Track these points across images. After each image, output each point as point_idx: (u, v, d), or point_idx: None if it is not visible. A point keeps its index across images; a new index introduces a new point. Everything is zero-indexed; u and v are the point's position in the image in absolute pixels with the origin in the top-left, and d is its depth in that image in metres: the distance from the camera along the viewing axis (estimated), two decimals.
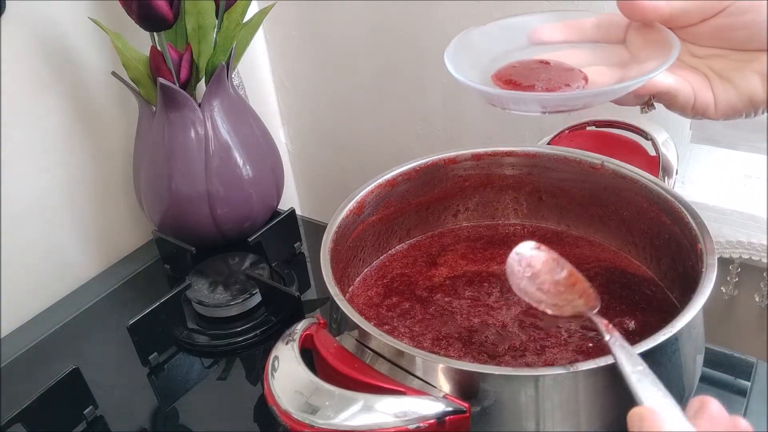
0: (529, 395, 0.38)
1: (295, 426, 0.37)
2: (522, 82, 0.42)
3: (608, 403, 0.39)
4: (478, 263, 0.58)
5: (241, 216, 0.72)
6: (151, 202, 0.71)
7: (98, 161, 0.75)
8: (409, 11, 0.80)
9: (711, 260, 0.43)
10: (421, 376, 0.40)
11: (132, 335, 0.59)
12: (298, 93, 0.97)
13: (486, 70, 0.45)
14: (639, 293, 0.52)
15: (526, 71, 0.43)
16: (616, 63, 0.44)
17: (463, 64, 0.44)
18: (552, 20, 0.46)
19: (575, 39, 0.45)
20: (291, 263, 0.75)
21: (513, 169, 0.60)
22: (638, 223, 0.54)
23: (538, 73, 0.43)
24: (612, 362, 0.37)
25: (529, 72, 0.43)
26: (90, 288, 0.75)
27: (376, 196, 0.56)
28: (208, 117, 0.67)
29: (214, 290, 0.67)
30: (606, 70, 0.43)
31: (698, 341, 0.45)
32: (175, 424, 0.56)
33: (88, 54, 0.71)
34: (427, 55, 0.82)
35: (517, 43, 0.46)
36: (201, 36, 0.66)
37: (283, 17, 0.89)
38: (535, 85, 0.41)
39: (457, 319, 0.51)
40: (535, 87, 0.41)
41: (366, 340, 0.43)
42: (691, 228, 0.47)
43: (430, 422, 0.37)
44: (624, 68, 0.43)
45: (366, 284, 0.57)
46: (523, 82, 0.42)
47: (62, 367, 0.54)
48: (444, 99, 0.84)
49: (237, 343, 0.63)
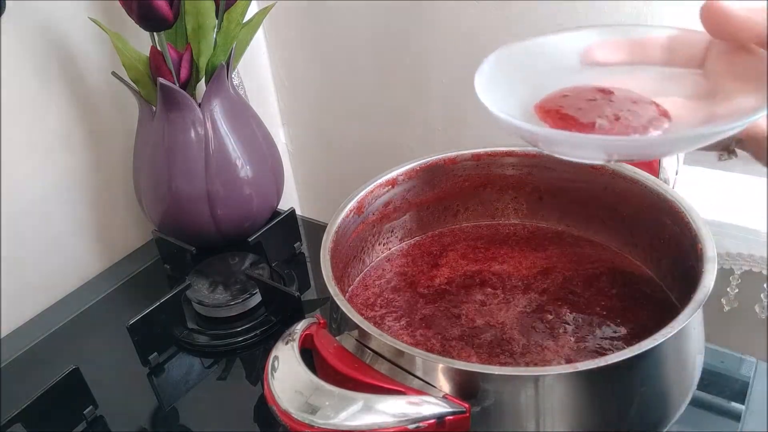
0: (529, 395, 0.38)
1: (295, 426, 0.37)
2: (578, 117, 0.32)
3: (608, 403, 0.39)
4: (479, 263, 0.58)
5: (241, 216, 0.72)
6: (151, 202, 0.71)
7: (98, 161, 0.75)
8: (409, 11, 0.80)
9: (711, 260, 0.43)
10: (421, 376, 0.40)
11: (132, 335, 0.59)
12: (298, 93, 0.97)
13: (527, 98, 0.35)
14: (639, 293, 0.52)
15: (582, 103, 0.33)
16: (693, 94, 0.34)
17: (498, 90, 0.35)
18: (610, 36, 0.37)
19: (640, 60, 0.36)
20: (291, 263, 0.75)
21: (513, 169, 0.60)
22: (638, 223, 0.54)
23: (600, 106, 0.33)
24: (612, 362, 0.37)
25: (587, 104, 0.33)
26: (90, 288, 0.75)
27: (376, 196, 0.57)
28: (208, 117, 0.67)
29: (214, 290, 0.67)
30: (687, 105, 0.33)
31: (698, 341, 0.45)
32: (175, 424, 0.56)
33: (88, 54, 0.71)
34: (428, 55, 0.82)
35: (566, 64, 0.37)
36: (201, 36, 0.66)
37: (283, 17, 0.89)
38: (596, 122, 0.32)
39: (458, 319, 0.51)
40: (595, 126, 0.32)
41: (366, 340, 0.43)
42: (691, 228, 0.47)
43: (430, 422, 0.37)
44: (706, 102, 0.33)
45: (366, 284, 0.57)
46: (579, 118, 0.32)
47: (62, 367, 0.54)
48: (444, 99, 0.84)
49: (237, 343, 0.63)
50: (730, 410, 0.51)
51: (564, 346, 0.48)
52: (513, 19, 0.73)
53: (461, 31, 0.77)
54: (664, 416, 0.42)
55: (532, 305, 0.52)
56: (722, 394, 0.53)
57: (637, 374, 0.39)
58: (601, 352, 0.47)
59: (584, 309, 0.51)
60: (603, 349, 0.47)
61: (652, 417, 0.42)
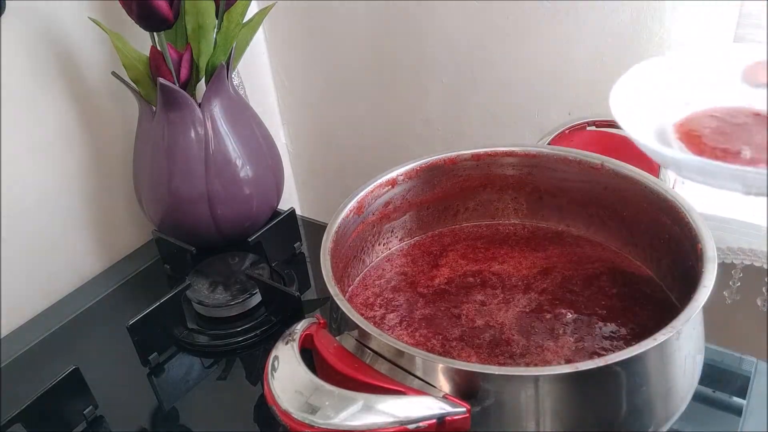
0: (529, 395, 0.38)
1: (295, 426, 0.37)
2: (724, 145, 0.30)
3: (608, 403, 0.39)
4: (479, 263, 0.58)
5: (241, 216, 0.72)
6: (151, 202, 0.71)
7: (98, 161, 0.75)
8: (409, 11, 0.80)
9: (711, 260, 0.43)
10: (421, 376, 0.40)
11: (132, 335, 0.59)
12: (298, 93, 0.97)
13: (669, 114, 0.32)
14: (639, 293, 0.52)
15: (730, 128, 0.31)
16: None
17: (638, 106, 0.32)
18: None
19: None
20: (291, 263, 0.75)
21: (513, 169, 0.60)
22: (638, 223, 0.54)
23: (749, 132, 0.30)
24: (612, 362, 0.37)
25: (735, 129, 0.30)
26: (90, 288, 0.75)
27: (376, 196, 0.57)
28: (208, 117, 0.67)
29: (214, 290, 0.67)
30: None
31: (698, 341, 0.45)
32: (175, 424, 0.56)
33: (88, 54, 0.71)
34: (428, 55, 0.82)
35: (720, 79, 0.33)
36: (201, 36, 0.66)
37: (283, 17, 0.89)
38: (741, 151, 0.30)
39: (458, 319, 0.51)
40: (740, 154, 0.29)
41: (366, 340, 0.43)
42: (691, 228, 0.47)
43: (430, 422, 0.37)
44: None
45: (366, 284, 0.57)
46: (726, 146, 0.30)
47: (62, 367, 0.54)
48: (444, 99, 0.84)
49: (237, 343, 0.63)
50: (728, 412, 0.51)
51: (564, 346, 0.48)
52: (513, 19, 0.73)
53: (462, 31, 0.77)
54: (664, 416, 0.42)
55: (532, 305, 0.52)
56: (721, 394, 0.53)
57: (637, 374, 0.39)
58: (601, 352, 0.47)
59: (584, 309, 0.51)
60: (603, 349, 0.47)
61: (653, 417, 0.42)
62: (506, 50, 0.76)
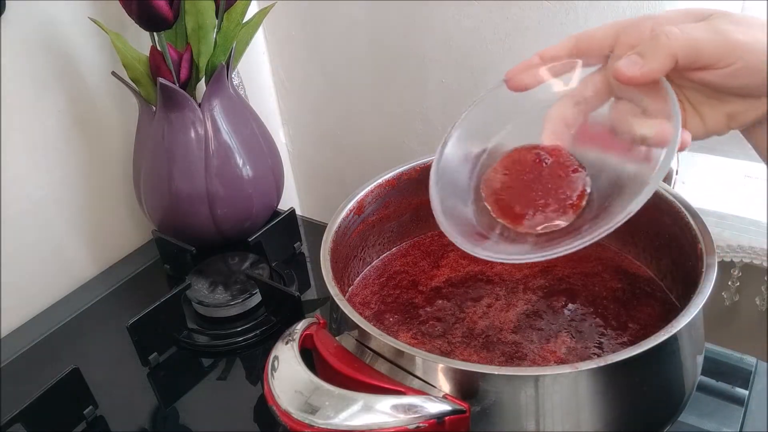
0: (529, 395, 0.38)
1: (295, 426, 0.37)
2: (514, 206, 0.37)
3: (608, 403, 0.39)
4: (479, 263, 0.58)
5: (241, 216, 0.72)
6: (151, 202, 0.71)
7: (98, 161, 0.75)
8: (408, 11, 0.80)
9: (711, 260, 0.43)
10: (421, 376, 0.40)
11: (132, 335, 0.59)
12: (298, 93, 0.97)
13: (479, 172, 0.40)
14: (639, 293, 0.52)
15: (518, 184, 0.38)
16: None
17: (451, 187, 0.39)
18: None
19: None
20: (291, 263, 0.75)
21: None
22: (638, 223, 0.54)
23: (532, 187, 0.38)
24: (612, 362, 0.37)
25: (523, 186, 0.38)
26: (90, 288, 0.75)
27: (376, 196, 0.56)
28: (208, 117, 0.67)
29: (214, 290, 0.67)
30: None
31: (698, 341, 0.45)
32: (175, 424, 0.56)
33: (88, 54, 0.71)
34: (427, 55, 0.82)
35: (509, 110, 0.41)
36: (201, 36, 0.66)
37: (283, 17, 0.89)
38: (527, 214, 0.37)
39: (458, 319, 0.51)
40: (525, 217, 0.36)
41: (366, 340, 0.43)
42: (691, 228, 0.47)
43: (430, 422, 0.37)
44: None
45: (366, 284, 0.57)
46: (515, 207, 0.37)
47: (62, 367, 0.54)
48: (444, 99, 0.84)
49: (237, 343, 0.63)
50: (729, 411, 0.51)
51: (563, 346, 0.48)
52: (513, 19, 0.73)
53: (461, 31, 0.77)
54: (664, 416, 0.42)
55: (532, 305, 0.52)
56: (721, 394, 0.53)
57: (637, 374, 0.40)
58: (601, 352, 0.47)
59: (584, 309, 0.51)
60: (603, 349, 0.47)
61: (653, 417, 0.42)
62: (506, 50, 0.75)
